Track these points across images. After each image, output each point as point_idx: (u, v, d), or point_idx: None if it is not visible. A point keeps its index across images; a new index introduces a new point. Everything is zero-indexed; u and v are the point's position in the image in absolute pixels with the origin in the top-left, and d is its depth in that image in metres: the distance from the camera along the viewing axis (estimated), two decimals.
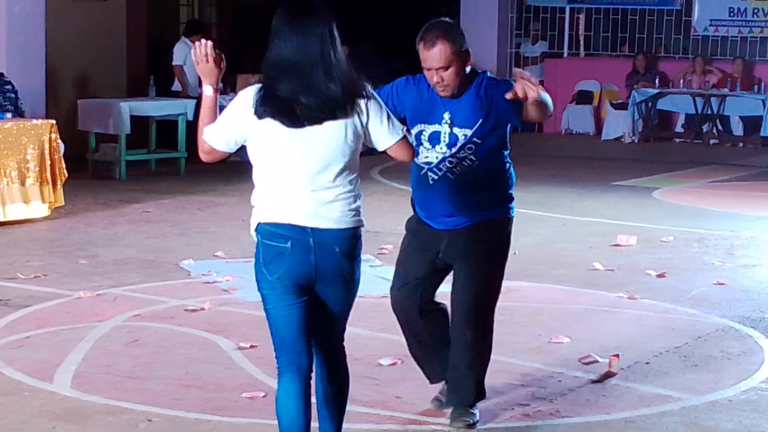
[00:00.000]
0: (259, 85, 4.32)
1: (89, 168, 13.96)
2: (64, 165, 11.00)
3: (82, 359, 6.38)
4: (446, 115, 5.28)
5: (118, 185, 13.29)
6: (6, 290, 8.01)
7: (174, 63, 15.60)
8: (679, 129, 19.45)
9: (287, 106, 4.25)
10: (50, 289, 8.07)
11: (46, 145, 10.82)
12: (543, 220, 11.18)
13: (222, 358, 6.47)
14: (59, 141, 10.99)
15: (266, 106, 4.26)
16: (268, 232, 4.33)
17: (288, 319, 4.34)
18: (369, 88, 4.40)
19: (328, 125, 4.28)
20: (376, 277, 8.12)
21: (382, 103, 4.45)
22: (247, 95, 4.31)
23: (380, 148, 4.46)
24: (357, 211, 4.40)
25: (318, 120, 4.26)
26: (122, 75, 16.61)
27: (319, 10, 4.32)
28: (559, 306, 7.89)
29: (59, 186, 10.92)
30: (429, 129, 5.31)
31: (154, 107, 14.48)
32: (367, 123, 4.36)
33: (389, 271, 5.93)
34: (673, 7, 20.06)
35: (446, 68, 5.18)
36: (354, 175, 4.40)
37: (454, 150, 5.27)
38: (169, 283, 8.33)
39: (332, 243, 4.32)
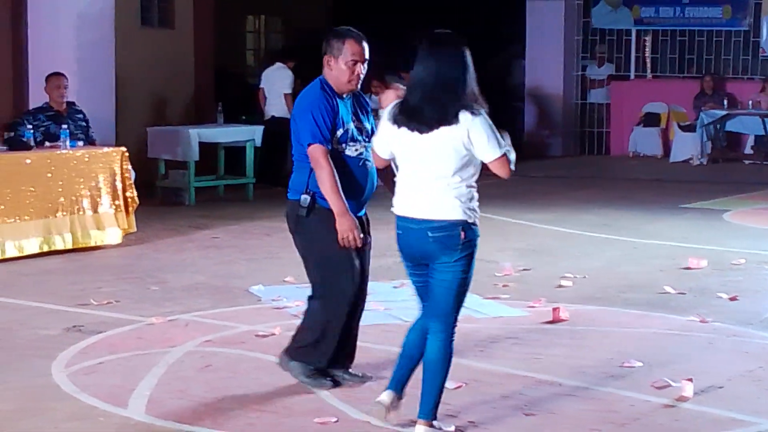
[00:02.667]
0: (398, 101, 5.41)
1: (158, 195, 14.12)
2: (135, 192, 11.13)
3: (155, 384, 6.44)
4: (351, 115, 6.11)
5: (187, 211, 13.42)
6: (79, 316, 8.11)
7: (285, 92, 15.32)
8: (748, 150, 19.28)
9: (414, 116, 5.27)
10: (122, 315, 8.16)
11: (118, 173, 10.97)
12: (610, 243, 11.11)
13: (293, 383, 6.49)
14: (130, 168, 11.13)
15: (401, 116, 5.32)
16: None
17: (413, 286, 5.60)
18: (483, 109, 5.29)
19: (440, 132, 5.24)
20: None
21: (490, 122, 5.28)
22: (388, 109, 5.43)
23: (485, 161, 5.34)
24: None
25: (434, 126, 5.23)
26: (190, 102, 16.80)
27: (454, 40, 5.32)
28: (629, 330, 7.84)
29: (131, 212, 11.06)
30: (351, 127, 6.10)
31: (222, 133, 14.62)
32: (469, 135, 5.24)
33: None
34: (740, 29, 19.91)
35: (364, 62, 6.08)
36: (461, 177, 5.29)
37: (368, 141, 6.13)
38: (239, 309, 8.39)
39: (425, 230, 5.31)
